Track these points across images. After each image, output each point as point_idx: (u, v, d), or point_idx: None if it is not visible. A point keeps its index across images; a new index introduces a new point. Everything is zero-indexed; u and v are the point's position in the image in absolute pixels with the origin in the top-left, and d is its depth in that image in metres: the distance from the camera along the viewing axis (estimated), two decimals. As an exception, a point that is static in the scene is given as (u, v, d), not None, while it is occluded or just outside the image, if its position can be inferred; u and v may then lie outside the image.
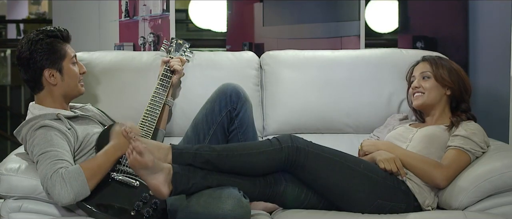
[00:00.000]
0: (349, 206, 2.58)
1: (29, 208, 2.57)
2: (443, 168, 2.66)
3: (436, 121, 2.89)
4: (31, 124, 2.62)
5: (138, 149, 2.37)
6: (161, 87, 2.95)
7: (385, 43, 4.03)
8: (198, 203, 2.42)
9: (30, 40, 2.67)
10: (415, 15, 3.86)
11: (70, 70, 2.72)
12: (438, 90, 2.88)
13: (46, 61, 2.67)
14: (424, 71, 2.91)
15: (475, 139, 2.72)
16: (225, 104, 2.82)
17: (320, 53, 3.28)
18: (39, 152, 2.52)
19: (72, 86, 2.74)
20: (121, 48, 4.00)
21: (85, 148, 2.67)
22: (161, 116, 2.97)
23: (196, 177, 2.46)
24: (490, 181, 2.58)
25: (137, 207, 2.52)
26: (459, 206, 2.60)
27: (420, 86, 2.89)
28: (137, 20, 3.96)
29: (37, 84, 2.70)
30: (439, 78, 2.87)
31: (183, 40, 3.13)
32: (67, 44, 2.74)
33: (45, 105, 2.71)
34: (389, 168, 2.63)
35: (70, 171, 2.46)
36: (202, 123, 2.85)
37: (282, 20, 3.88)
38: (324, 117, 3.16)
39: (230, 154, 2.51)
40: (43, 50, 2.66)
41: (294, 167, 2.54)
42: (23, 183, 2.54)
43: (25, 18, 7.31)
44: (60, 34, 2.71)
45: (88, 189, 2.47)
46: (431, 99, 2.88)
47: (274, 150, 2.51)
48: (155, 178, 2.41)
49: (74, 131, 2.65)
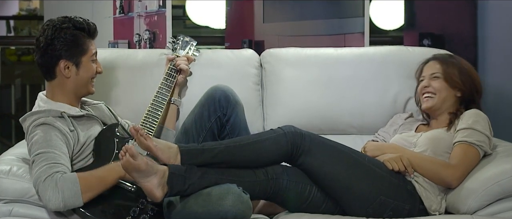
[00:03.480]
0: (352, 200, 2.60)
1: (20, 212, 2.56)
2: (452, 167, 2.67)
3: (442, 123, 2.90)
4: (34, 117, 2.60)
5: (130, 152, 2.38)
6: (165, 87, 2.94)
7: (390, 40, 4.03)
8: (196, 203, 2.43)
9: (55, 26, 2.64)
10: (421, 11, 3.85)
11: (87, 66, 2.70)
12: (448, 92, 2.88)
13: (65, 52, 2.65)
14: (434, 72, 2.90)
15: (478, 127, 2.72)
16: (214, 109, 2.82)
17: (322, 51, 3.29)
18: (36, 152, 2.51)
19: (85, 82, 2.71)
20: (116, 45, 3.99)
21: (84, 152, 2.66)
22: (167, 116, 2.96)
23: (193, 177, 2.47)
24: (499, 184, 2.58)
25: (133, 212, 2.52)
26: (468, 210, 2.60)
27: (429, 86, 2.89)
28: (132, 16, 3.96)
29: (50, 71, 2.68)
30: (449, 79, 2.87)
31: (190, 38, 3.12)
32: (91, 40, 2.71)
33: (55, 98, 2.69)
34: (396, 168, 2.64)
35: (66, 178, 2.44)
36: (191, 129, 2.86)
37: (283, 17, 3.88)
38: (326, 117, 3.16)
39: (237, 145, 2.55)
40: (66, 40, 2.64)
41: (299, 153, 2.57)
42: (14, 186, 2.54)
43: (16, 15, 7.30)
44: (87, 28, 2.69)
45: (81, 201, 2.45)
46: (441, 101, 2.88)
47: (278, 135, 2.57)
48: (149, 181, 2.43)
49: (76, 133, 2.63)
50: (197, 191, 2.47)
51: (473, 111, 2.81)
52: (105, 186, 2.52)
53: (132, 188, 2.57)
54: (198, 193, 2.46)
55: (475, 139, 2.70)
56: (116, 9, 3.98)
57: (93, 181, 2.49)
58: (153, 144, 2.48)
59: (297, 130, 2.59)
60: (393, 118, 3.10)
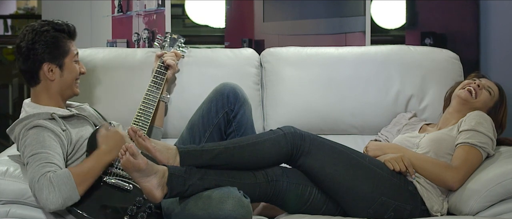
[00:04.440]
0: (352, 201, 2.60)
1: (17, 213, 2.56)
2: (454, 169, 2.67)
3: (448, 123, 2.89)
4: (24, 123, 2.62)
5: (131, 151, 2.37)
6: (155, 84, 2.95)
7: (391, 39, 4.03)
8: (196, 206, 2.42)
9: (35, 30, 2.66)
10: (423, 10, 3.85)
11: (71, 67, 2.73)
12: (485, 105, 2.87)
13: (47, 55, 2.67)
14: (491, 86, 2.90)
15: (481, 129, 2.72)
16: (222, 105, 2.83)
17: (323, 50, 3.28)
18: (29, 153, 2.52)
19: (69, 84, 2.74)
20: (114, 44, 3.99)
21: (78, 152, 2.67)
22: (156, 113, 2.97)
23: (193, 179, 2.47)
24: (502, 185, 2.58)
25: (131, 211, 2.52)
26: (470, 211, 2.59)
27: (480, 85, 2.88)
28: (131, 15, 3.96)
29: (34, 76, 2.70)
30: (491, 104, 2.87)
31: (177, 35, 3.14)
32: (71, 41, 2.74)
33: (41, 102, 2.71)
34: (398, 168, 2.64)
35: (59, 175, 2.45)
36: (198, 124, 2.85)
37: (283, 16, 3.88)
38: (327, 117, 3.16)
39: (237, 146, 2.54)
40: (47, 43, 2.66)
41: (299, 154, 2.57)
42: (11, 187, 2.53)
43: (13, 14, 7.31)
44: (67, 29, 2.72)
45: (77, 195, 2.47)
46: (478, 103, 2.87)
47: (278, 136, 2.56)
48: (149, 181, 2.42)
49: (68, 132, 2.64)
50: (197, 192, 2.46)
51: (477, 112, 2.81)
52: (96, 175, 2.53)
53: (129, 187, 2.57)
54: (198, 196, 2.45)
55: (477, 141, 2.70)
56: (115, 8, 3.98)
57: (84, 172, 2.50)
58: (151, 145, 2.48)
59: (297, 131, 2.59)
60: (397, 117, 3.10)
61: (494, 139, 2.75)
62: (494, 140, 2.75)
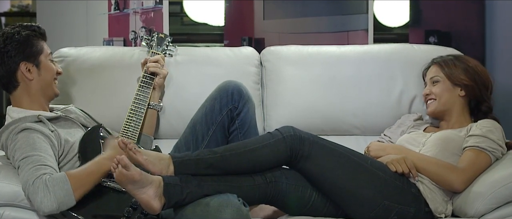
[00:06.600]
0: (354, 206, 2.59)
1: (11, 216, 2.55)
2: (459, 171, 2.67)
3: (453, 125, 2.90)
4: (11, 128, 2.62)
5: (123, 162, 2.35)
6: (142, 93, 2.93)
7: (395, 38, 4.04)
8: (194, 213, 2.41)
9: (5, 33, 2.71)
10: (427, 8, 3.86)
11: (47, 65, 2.75)
12: (450, 93, 2.89)
13: (22, 55, 2.69)
14: (433, 76, 2.94)
15: (492, 136, 2.72)
16: (226, 102, 2.83)
17: (325, 48, 3.28)
18: (20, 157, 2.52)
19: (49, 82, 2.76)
20: (111, 43, 4.00)
21: (69, 154, 2.66)
22: (145, 121, 2.96)
23: (190, 186, 2.45)
24: (508, 187, 2.58)
25: (127, 213, 2.52)
26: (475, 214, 2.59)
27: (430, 93, 2.93)
28: (128, 13, 3.97)
29: (12, 80, 2.71)
30: (451, 77, 2.89)
31: (164, 34, 3.12)
32: (43, 41, 2.77)
33: (24, 106, 2.72)
34: (400, 170, 2.64)
35: (55, 178, 2.45)
36: (200, 123, 2.85)
37: (284, 13, 3.88)
38: (329, 117, 3.16)
39: (233, 154, 2.52)
40: (19, 42, 2.69)
41: (298, 158, 2.55)
42: (4, 190, 2.53)
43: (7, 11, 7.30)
44: (37, 30, 2.75)
45: (73, 199, 2.46)
46: (443, 104, 2.90)
47: (276, 141, 2.54)
48: (145, 192, 2.39)
49: (57, 133, 2.64)
50: (195, 200, 2.45)
51: (488, 120, 2.82)
52: (95, 181, 2.53)
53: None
54: (197, 203, 2.43)
55: (487, 145, 2.70)
56: (111, 5, 3.98)
57: (83, 178, 2.50)
58: (143, 158, 2.43)
59: (297, 133, 2.57)
60: (401, 119, 3.10)
61: (505, 147, 2.75)
62: (505, 148, 2.75)
